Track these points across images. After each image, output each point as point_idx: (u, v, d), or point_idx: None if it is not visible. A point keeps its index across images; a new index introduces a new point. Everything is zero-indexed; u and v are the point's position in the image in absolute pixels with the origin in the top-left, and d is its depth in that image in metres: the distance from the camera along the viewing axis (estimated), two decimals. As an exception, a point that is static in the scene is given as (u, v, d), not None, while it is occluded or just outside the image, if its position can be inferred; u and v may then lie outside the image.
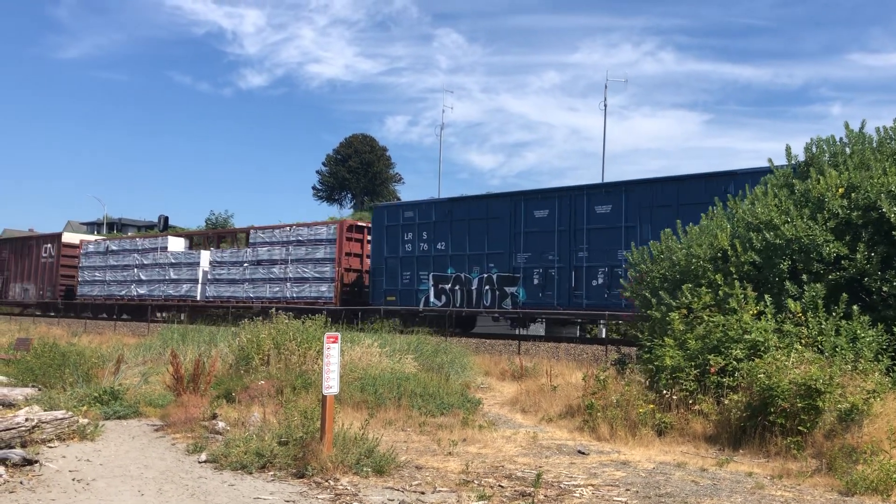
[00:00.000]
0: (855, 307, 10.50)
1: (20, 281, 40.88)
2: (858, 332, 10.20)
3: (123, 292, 35.37)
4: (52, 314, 39.11)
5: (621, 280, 15.43)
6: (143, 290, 34.45)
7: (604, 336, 23.16)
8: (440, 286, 24.60)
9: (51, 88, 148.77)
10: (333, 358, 7.85)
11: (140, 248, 35.32)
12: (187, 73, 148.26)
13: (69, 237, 40.58)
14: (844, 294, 10.66)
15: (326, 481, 7.14)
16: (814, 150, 13.32)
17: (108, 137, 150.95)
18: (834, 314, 10.48)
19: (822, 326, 10.35)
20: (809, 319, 10.47)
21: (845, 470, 7.50)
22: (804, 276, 11.28)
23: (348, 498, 6.67)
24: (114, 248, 36.45)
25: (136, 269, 34.97)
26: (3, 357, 16.41)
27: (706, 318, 10.93)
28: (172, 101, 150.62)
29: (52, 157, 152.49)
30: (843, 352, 9.89)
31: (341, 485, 7.05)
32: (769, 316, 10.59)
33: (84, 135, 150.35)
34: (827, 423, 8.67)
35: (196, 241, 35.39)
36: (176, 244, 34.21)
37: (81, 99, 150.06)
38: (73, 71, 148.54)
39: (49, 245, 39.26)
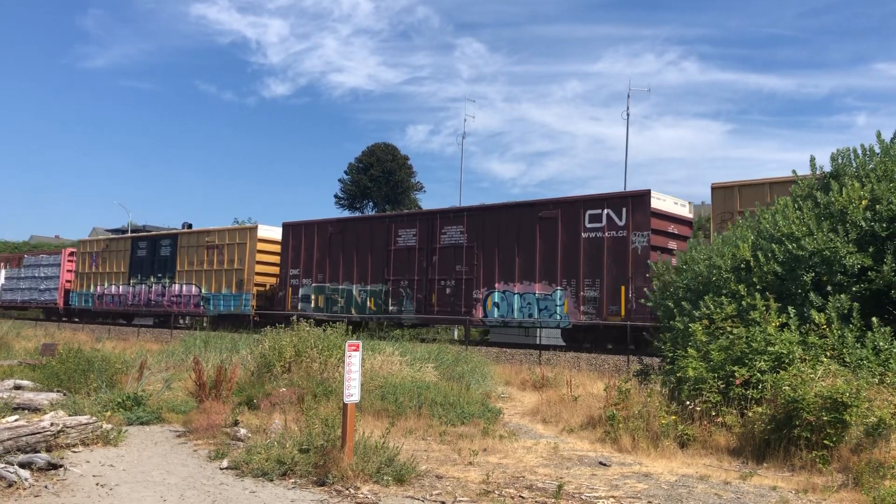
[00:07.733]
0: (875, 319, 10.35)
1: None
2: (882, 344, 10.05)
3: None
4: None
5: (645, 290, 15.27)
6: None
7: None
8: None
9: (78, 97, 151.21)
10: (354, 366, 7.87)
11: None
12: (212, 82, 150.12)
13: None
14: (856, 304, 10.55)
15: (347, 489, 7.15)
16: (840, 160, 13.19)
17: (134, 145, 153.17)
18: (854, 324, 10.34)
19: (847, 338, 10.21)
20: (834, 331, 10.34)
21: (872, 485, 7.37)
22: (829, 288, 11.14)
23: (369, 506, 6.67)
24: None
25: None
26: (30, 362, 16.63)
27: (729, 328, 10.83)
28: (197, 110, 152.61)
29: (78, 165, 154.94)
30: (869, 364, 9.75)
31: (362, 493, 7.06)
32: (793, 328, 10.48)
33: (110, 142, 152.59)
34: (853, 438, 8.54)
35: None
36: None
37: (108, 107, 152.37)
38: (101, 80, 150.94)
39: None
